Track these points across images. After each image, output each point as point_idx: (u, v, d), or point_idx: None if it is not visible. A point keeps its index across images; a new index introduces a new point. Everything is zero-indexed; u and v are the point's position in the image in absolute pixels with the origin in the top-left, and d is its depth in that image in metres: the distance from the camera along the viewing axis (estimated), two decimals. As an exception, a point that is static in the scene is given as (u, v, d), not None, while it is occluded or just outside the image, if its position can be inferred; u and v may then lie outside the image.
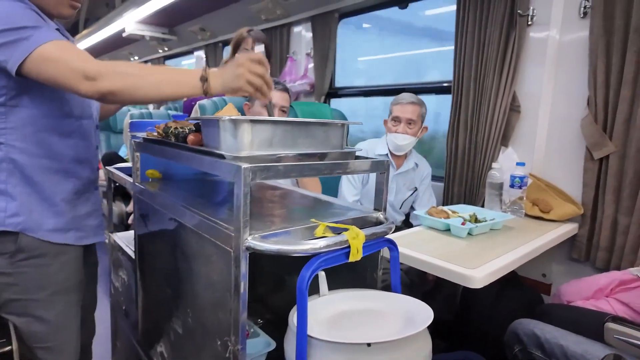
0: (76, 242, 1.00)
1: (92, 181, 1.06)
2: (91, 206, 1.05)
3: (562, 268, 1.69)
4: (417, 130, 1.80)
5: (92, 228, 1.05)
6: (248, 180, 0.63)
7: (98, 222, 1.08)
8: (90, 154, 1.04)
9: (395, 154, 1.83)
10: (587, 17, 1.54)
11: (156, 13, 3.49)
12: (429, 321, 0.64)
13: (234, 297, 0.66)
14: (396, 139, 1.77)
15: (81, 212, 1.02)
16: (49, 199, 0.95)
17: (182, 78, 0.85)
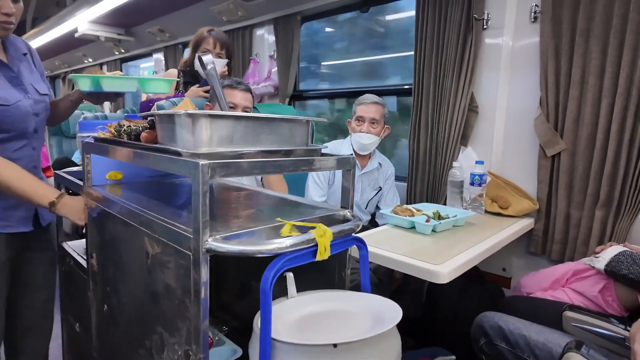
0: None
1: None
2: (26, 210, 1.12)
3: (520, 262, 1.76)
4: (381, 129, 1.83)
5: (19, 219, 1.13)
6: (207, 177, 0.59)
7: (28, 215, 1.15)
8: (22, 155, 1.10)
9: (359, 154, 1.84)
10: (538, 21, 1.62)
11: (111, 13, 3.34)
12: (397, 319, 0.63)
13: (194, 303, 0.62)
14: (361, 138, 1.79)
15: (8, 204, 1.09)
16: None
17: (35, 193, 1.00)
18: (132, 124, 0.87)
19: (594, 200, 1.49)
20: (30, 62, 1.19)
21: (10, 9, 1.01)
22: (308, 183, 1.83)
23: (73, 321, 1.22)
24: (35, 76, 1.17)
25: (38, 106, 1.12)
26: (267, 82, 2.81)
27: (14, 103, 1.05)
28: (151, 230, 0.72)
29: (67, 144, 3.35)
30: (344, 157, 0.84)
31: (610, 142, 1.42)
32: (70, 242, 1.28)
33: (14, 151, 1.09)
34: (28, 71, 1.15)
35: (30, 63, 1.18)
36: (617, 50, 1.40)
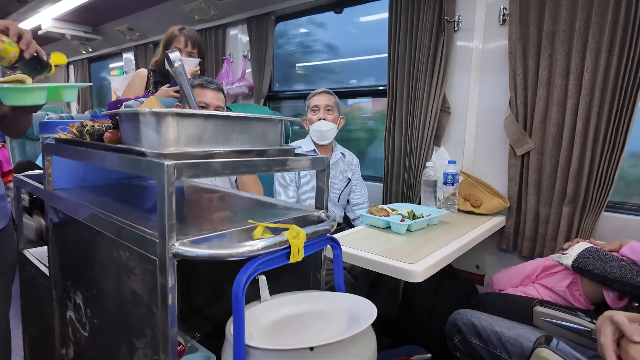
0: None
1: None
2: None
3: (493, 258, 1.80)
4: (336, 117, 1.88)
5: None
6: (172, 178, 0.57)
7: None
8: None
9: (321, 146, 1.86)
10: (506, 24, 1.66)
11: (77, 10, 3.21)
12: (372, 318, 0.63)
13: (161, 310, 0.59)
14: (319, 126, 1.83)
15: None
16: None
17: None
18: (95, 124, 0.83)
19: (561, 197, 1.54)
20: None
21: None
22: (275, 186, 1.82)
23: (35, 333, 1.16)
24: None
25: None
26: (241, 83, 2.77)
27: None
28: (116, 235, 0.68)
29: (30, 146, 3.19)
30: (317, 157, 0.83)
31: (576, 141, 1.47)
32: (32, 249, 1.22)
33: None
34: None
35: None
36: (580, 52, 1.45)
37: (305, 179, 1.85)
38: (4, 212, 1.20)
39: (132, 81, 1.97)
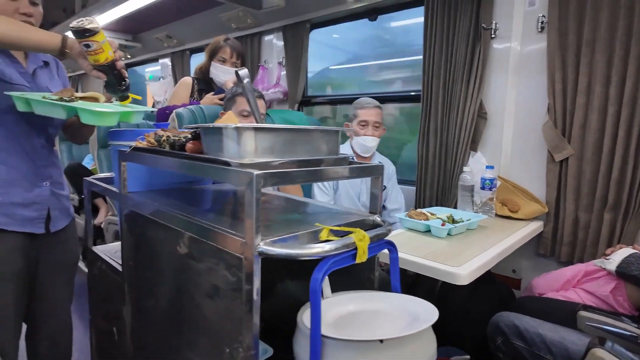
0: (12, 227, 1.10)
1: (33, 175, 1.15)
2: (32, 198, 1.15)
3: (530, 263, 1.81)
4: (381, 131, 1.92)
5: (25, 218, 1.14)
6: (260, 186, 0.64)
7: (37, 215, 1.16)
8: (26, 148, 1.13)
9: (362, 156, 1.91)
10: (544, 31, 1.68)
11: (120, 19, 3.39)
12: (434, 318, 0.68)
13: (245, 302, 0.67)
14: (365, 141, 1.88)
15: (15, 200, 1.11)
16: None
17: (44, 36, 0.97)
18: (170, 134, 0.91)
19: (602, 204, 1.54)
20: (52, 70, 1.24)
21: (28, 8, 1.08)
22: (314, 190, 1.89)
23: (103, 324, 1.26)
24: (55, 83, 1.23)
25: None
26: (276, 89, 2.86)
27: (17, 84, 1.10)
28: (198, 235, 0.76)
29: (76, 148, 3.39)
30: (373, 166, 0.89)
31: (617, 148, 1.48)
32: (98, 246, 1.33)
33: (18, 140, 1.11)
34: (47, 77, 1.21)
35: (52, 71, 1.24)
36: (622, 60, 1.46)
37: (342, 184, 1.92)
38: (69, 211, 1.33)
39: (177, 89, 2.09)
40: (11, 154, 1.11)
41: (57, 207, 1.22)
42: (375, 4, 2.29)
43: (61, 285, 1.29)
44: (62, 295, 1.30)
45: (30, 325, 1.28)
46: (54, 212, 1.21)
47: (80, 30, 0.95)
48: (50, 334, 1.30)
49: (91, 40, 0.97)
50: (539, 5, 1.71)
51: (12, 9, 1.05)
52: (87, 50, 0.98)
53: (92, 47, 0.98)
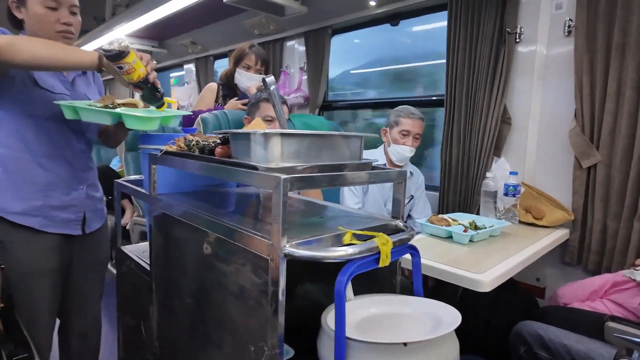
0: (41, 228, 1.15)
1: (72, 178, 1.21)
2: (69, 201, 1.21)
3: (555, 272, 1.77)
4: (418, 142, 1.90)
5: (63, 220, 1.20)
6: (287, 190, 0.66)
7: (74, 217, 1.22)
8: (66, 153, 1.19)
9: (396, 165, 1.90)
10: (572, 35, 1.65)
11: (147, 27, 3.50)
12: (457, 322, 0.68)
13: (271, 302, 0.68)
14: (404, 150, 1.86)
15: (54, 203, 1.17)
16: (19, 186, 1.12)
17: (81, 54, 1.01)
18: (199, 139, 0.95)
19: (631, 212, 1.50)
20: (89, 78, 1.31)
21: (69, 18, 1.13)
22: (344, 191, 1.90)
23: (131, 321, 1.31)
24: (92, 89, 1.29)
25: None
26: (297, 93, 2.90)
27: (58, 93, 1.16)
28: (226, 236, 0.79)
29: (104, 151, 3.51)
30: (396, 171, 0.90)
31: (648, 155, 1.44)
32: (127, 246, 1.38)
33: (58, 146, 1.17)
34: (85, 84, 1.27)
35: (89, 79, 1.30)
36: (654, 64, 1.42)
37: (372, 190, 1.92)
38: (102, 213, 1.38)
39: (204, 94, 2.15)
40: (52, 159, 1.16)
41: (92, 209, 1.28)
42: (397, 9, 2.30)
43: (93, 283, 1.34)
44: (93, 292, 1.35)
45: (62, 321, 1.34)
46: (89, 214, 1.27)
47: (112, 55, 1.01)
48: (80, 329, 1.35)
49: (123, 62, 1.02)
50: (566, 9, 1.68)
51: (54, 19, 1.10)
52: (121, 71, 1.04)
53: (124, 68, 1.03)
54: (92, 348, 1.40)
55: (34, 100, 1.11)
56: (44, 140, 1.14)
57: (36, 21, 1.11)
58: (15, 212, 1.11)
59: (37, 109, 1.12)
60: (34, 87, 1.10)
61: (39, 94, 1.11)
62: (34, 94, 1.10)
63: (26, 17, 1.12)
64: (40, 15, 1.09)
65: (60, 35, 1.12)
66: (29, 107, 1.11)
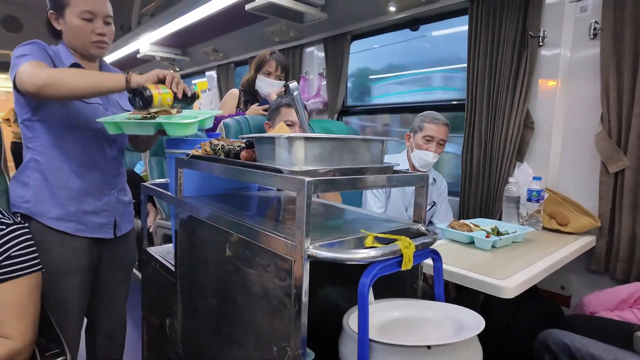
0: (75, 232, 1.20)
1: (104, 184, 1.27)
2: (101, 206, 1.26)
3: (581, 280, 1.72)
4: (443, 149, 1.89)
5: (96, 224, 1.25)
6: (310, 192, 0.67)
7: (106, 221, 1.28)
8: (99, 161, 1.24)
9: (419, 171, 1.89)
10: (597, 38, 1.61)
11: (171, 35, 3.60)
12: (481, 327, 0.68)
13: (294, 303, 0.70)
14: (427, 156, 1.84)
15: (87, 209, 1.22)
16: (56, 193, 1.18)
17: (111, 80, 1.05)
18: (224, 143, 0.97)
19: (662, 219, 1.45)
20: None
21: (103, 29, 1.18)
22: (367, 195, 1.90)
23: (155, 321, 1.34)
24: (123, 95, 1.32)
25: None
26: (316, 99, 2.92)
27: (92, 103, 1.21)
28: (251, 238, 0.81)
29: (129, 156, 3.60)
30: (417, 175, 0.90)
31: (680, 160, 1.39)
32: (153, 247, 1.42)
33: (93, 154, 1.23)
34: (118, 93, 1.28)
35: None
36: (685, 66, 1.38)
37: (394, 195, 1.91)
38: (131, 217, 1.43)
39: (226, 100, 2.19)
40: (86, 167, 1.22)
41: (122, 213, 1.33)
42: (416, 14, 2.30)
43: (120, 283, 1.39)
44: (119, 292, 1.40)
45: (90, 319, 1.39)
46: (119, 218, 1.32)
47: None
48: (107, 327, 1.39)
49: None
50: (591, 11, 1.65)
51: (89, 30, 1.16)
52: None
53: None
54: (117, 346, 1.44)
55: (70, 112, 1.17)
56: (79, 150, 1.20)
57: (73, 32, 1.16)
58: (52, 217, 1.18)
59: (72, 121, 1.18)
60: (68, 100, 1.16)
61: (74, 106, 1.17)
62: (69, 107, 1.16)
63: (64, 29, 1.18)
64: (77, 27, 1.15)
65: (95, 45, 1.18)
66: (65, 119, 1.17)
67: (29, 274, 0.95)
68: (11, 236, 0.95)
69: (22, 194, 1.18)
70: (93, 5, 1.15)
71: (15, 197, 1.19)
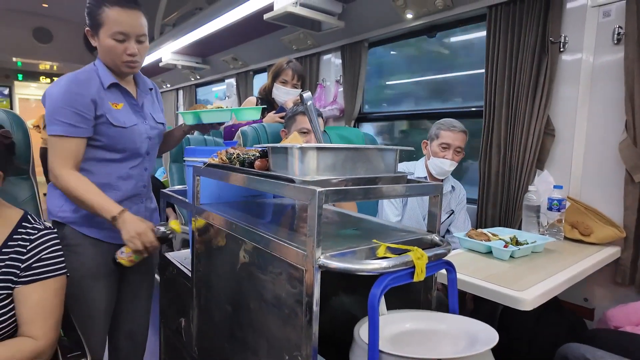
0: (108, 239, 1.26)
1: (135, 194, 1.32)
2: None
3: (605, 292, 1.66)
4: (461, 156, 1.86)
5: None
6: (322, 202, 0.68)
7: None
8: (134, 173, 1.30)
9: (436, 178, 1.87)
10: (621, 43, 1.57)
11: (192, 44, 3.70)
12: (494, 341, 0.67)
13: (306, 312, 0.70)
14: (444, 164, 1.83)
15: None
16: None
17: (100, 208, 1.16)
18: (240, 152, 0.99)
19: (691, 230, 1.39)
20: (154, 96, 1.41)
21: (134, 49, 1.20)
22: (384, 203, 1.89)
23: (172, 325, 1.37)
24: (155, 107, 1.39)
25: (153, 131, 1.33)
26: (333, 106, 2.94)
27: (129, 126, 1.25)
28: (264, 246, 0.82)
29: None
30: (431, 184, 0.90)
31: None
32: (171, 253, 1.45)
33: (130, 168, 1.29)
34: (150, 103, 1.37)
35: (153, 97, 1.41)
36: None
37: (411, 204, 1.90)
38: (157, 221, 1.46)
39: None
40: (120, 180, 1.27)
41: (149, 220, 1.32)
42: (433, 21, 2.29)
43: (142, 287, 1.42)
44: (142, 295, 1.43)
45: (113, 322, 1.42)
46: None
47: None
48: (129, 330, 1.43)
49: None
50: (615, 16, 1.61)
51: (121, 50, 1.18)
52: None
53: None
54: (139, 348, 1.47)
55: (112, 136, 1.23)
56: (122, 166, 1.26)
57: (106, 51, 1.20)
58: (86, 226, 1.24)
59: (115, 143, 1.24)
60: (110, 126, 1.22)
61: (115, 132, 1.22)
62: (111, 132, 1.22)
63: (98, 46, 1.22)
64: (109, 47, 1.18)
65: (126, 65, 1.21)
66: (108, 143, 1.23)
67: (55, 276, 0.99)
68: (42, 240, 1.00)
69: (60, 203, 1.24)
70: (125, 27, 1.17)
71: (53, 205, 1.25)
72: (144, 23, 1.22)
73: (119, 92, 1.26)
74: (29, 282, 0.96)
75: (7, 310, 0.93)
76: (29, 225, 1.00)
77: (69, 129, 1.16)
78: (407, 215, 1.89)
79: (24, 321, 0.94)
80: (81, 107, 1.16)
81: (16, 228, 0.98)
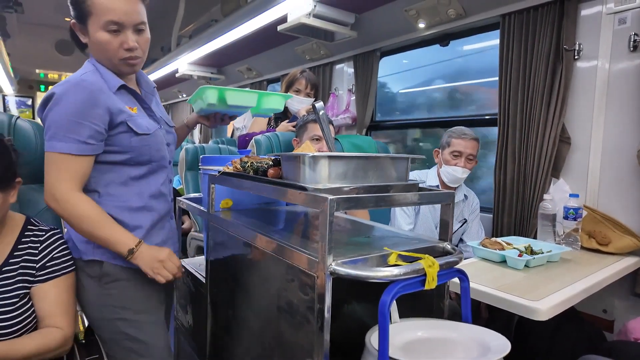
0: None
1: (166, 212, 1.17)
2: (165, 235, 1.15)
3: (625, 304, 1.62)
4: (473, 164, 1.84)
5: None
6: (333, 210, 0.69)
7: (172, 249, 1.13)
8: (164, 189, 1.14)
9: (449, 187, 1.87)
10: (638, 50, 1.55)
11: (207, 55, 3.78)
12: (506, 350, 0.66)
13: (317, 318, 0.71)
14: (456, 172, 1.82)
15: (156, 241, 1.10)
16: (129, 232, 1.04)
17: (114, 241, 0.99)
18: (254, 161, 1.01)
19: None
20: (156, 95, 1.23)
21: (132, 42, 0.98)
22: (396, 211, 1.89)
23: (186, 330, 1.39)
24: (162, 109, 1.22)
25: (169, 136, 1.17)
26: (345, 114, 2.96)
27: (153, 132, 1.07)
28: (277, 253, 0.83)
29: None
30: (443, 192, 0.90)
31: None
32: (186, 259, 1.47)
33: (161, 184, 1.12)
34: (156, 105, 1.18)
35: (157, 98, 1.22)
36: None
37: (424, 212, 1.89)
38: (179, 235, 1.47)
39: (257, 117, 2.27)
40: (153, 199, 1.10)
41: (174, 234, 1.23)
42: (446, 30, 2.30)
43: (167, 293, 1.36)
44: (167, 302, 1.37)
45: None
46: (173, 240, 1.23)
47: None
48: None
49: None
50: (630, 23, 1.59)
51: (117, 44, 0.98)
52: None
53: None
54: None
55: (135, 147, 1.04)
56: (151, 182, 1.09)
57: (98, 48, 0.99)
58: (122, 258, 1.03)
59: (139, 155, 1.05)
60: (132, 135, 1.02)
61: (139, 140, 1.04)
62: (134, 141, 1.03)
63: (89, 42, 1.02)
64: (102, 42, 0.97)
65: (124, 62, 1.01)
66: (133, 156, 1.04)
67: (66, 273, 1.03)
68: (51, 240, 1.04)
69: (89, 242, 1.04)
70: (119, 15, 0.95)
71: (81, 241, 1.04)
72: (141, 8, 1.00)
73: (129, 94, 1.07)
74: (46, 280, 1.00)
75: (28, 307, 0.97)
76: (34, 228, 1.04)
77: (80, 147, 0.95)
78: (420, 224, 1.89)
79: (45, 315, 0.98)
80: (95, 119, 0.96)
81: (23, 231, 1.02)
